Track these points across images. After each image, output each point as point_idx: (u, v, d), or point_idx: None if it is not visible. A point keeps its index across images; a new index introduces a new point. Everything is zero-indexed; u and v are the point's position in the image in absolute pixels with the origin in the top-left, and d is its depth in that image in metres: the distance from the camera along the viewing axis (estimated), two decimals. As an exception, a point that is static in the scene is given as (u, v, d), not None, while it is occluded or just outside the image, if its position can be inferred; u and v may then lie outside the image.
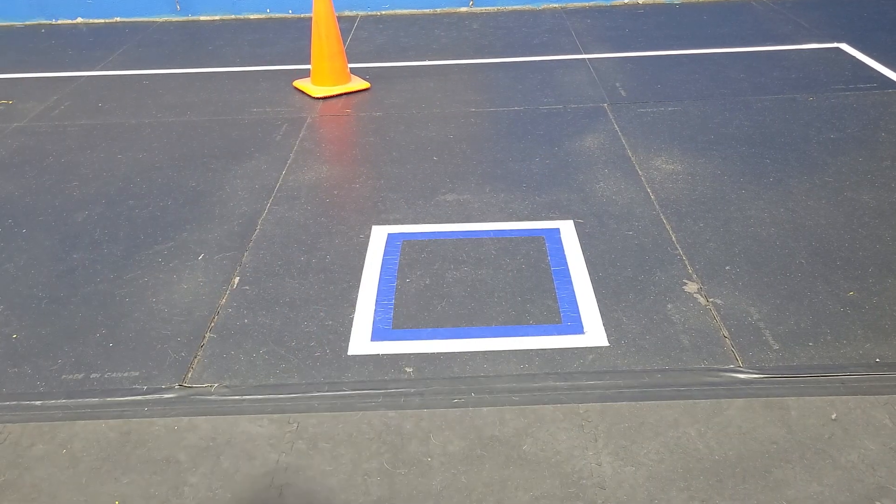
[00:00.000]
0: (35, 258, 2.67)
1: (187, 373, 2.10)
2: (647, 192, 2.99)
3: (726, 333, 2.19)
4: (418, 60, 4.74)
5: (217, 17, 5.83)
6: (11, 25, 5.82)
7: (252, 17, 5.84)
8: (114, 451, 1.85)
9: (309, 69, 4.32)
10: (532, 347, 2.15)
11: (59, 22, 5.84)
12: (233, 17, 5.84)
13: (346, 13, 5.81)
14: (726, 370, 2.05)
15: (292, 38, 5.23)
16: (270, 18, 5.80)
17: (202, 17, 5.84)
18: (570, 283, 2.44)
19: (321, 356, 2.15)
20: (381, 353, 2.16)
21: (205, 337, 2.24)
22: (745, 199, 2.91)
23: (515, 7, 5.86)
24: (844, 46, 4.63)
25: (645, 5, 5.84)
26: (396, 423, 1.90)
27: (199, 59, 4.80)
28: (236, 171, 3.28)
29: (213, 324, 2.30)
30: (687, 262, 2.53)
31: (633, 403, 1.94)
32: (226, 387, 2.05)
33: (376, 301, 2.38)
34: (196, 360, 2.15)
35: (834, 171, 3.10)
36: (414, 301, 2.37)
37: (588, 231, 2.72)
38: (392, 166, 3.29)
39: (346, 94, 4.14)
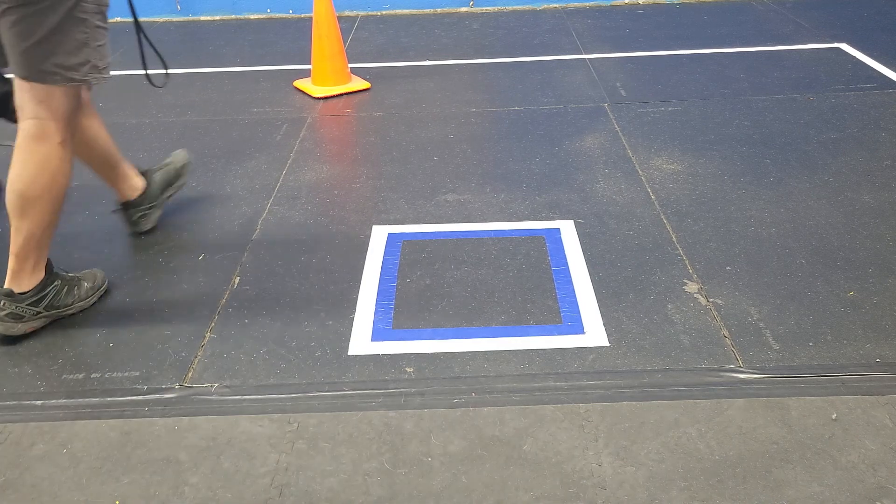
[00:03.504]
0: (35, 258, 2.66)
1: (187, 373, 2.10)
2: (648, 192, 2.99)
3: (726, 333, 2.19)
4: (418, 60, 4.74)
5: (217, 17, 5.83)
6: (11, 25, 5.81)
7: (252, 17, 5.84)
8: (114, 450, 1.85)
9: (309, 69, 4.32)
10: (532, 347, 2.15)
11: (60, 22, 5.84)
12: (233, 17, 5.84)
13: (346, 13, 5.81)
14: (727, 370, 2.05)
15: (292, 38, 5.23)
16: (270, 18, 5.80)
17: (202, 17, 5.84)
18: (571, 283, 2.44)
19: (321, 356, 2.15)
20: (381, 353, 2.16)
21: (205, 337, 2.24)
22: (746, 199, 2.91)
23: (516, 7, 5.86)
24: (844, 46, 4.63)
25: (645, 5, 5.84)
26: (397, 423, 1.90)
27: (199, 59, 4.80)
28: (236, 171, 3.28)
29: (213, 324, 2.30)
30: (687, 262, 2.53)
31: (634, 403, 1.94)
32: (226, 387, 2.05)
33: (376, 301, 2.38)
34: (196, 360, 2.15)
35: (834, 171, 3.10)
36: (414, 301, 2.37)
37: (588, 231, 2.72)
38: (392, 166, 3.29)
39: (346, 94, 4.14)
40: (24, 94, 2.04)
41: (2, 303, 2.15)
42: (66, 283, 2.29)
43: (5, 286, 2.17)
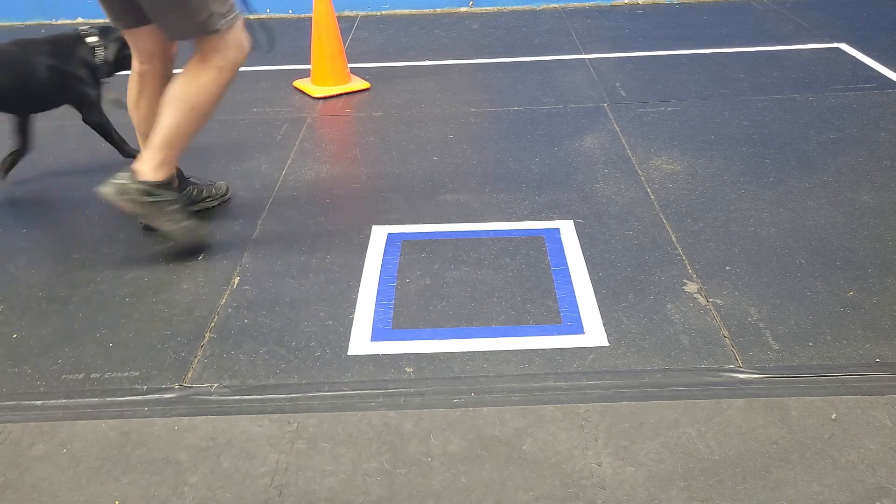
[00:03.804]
0: (35, 258, 2.67)
1: (187, 373, 2.10)
2: (647, 192, 2.99)
3: (726, 333, 2.19)
4: (418, 60, 4.74)
5: (217, 17, 5.82)
6: (11, 25, 5.82)
7: (252, 17, 5.83)
8: (114, 451, 1.85)
9: (309, 69, 4.32)
10: (532, 347, 2.15)
11: (59, 22, 5.84)
12: (233, 17, 5.82)
13: (346, 13, 5.81)
14: (726, 370, 2.05)
15: (292, 38, 5.22)
16: (270, 18, 5.80)
17: (202, 17, 5.83)
18: (570, 283, 2.44)
19: (321, 356, 2.15)
20: (381, 353, 2.16)
21: (205, 337, 2.24)
22: (745, 199, 2.91)
23: (515, 7, 5.86)
24: (844, 46, 4.63)
25: (645, 5, 5.84)
26: (396, 423, 1.90)
27: (199, 59, 4.78)
28: (236, 171, 3.28)
29: (213, 324, 2.30)
30: (687, 262, 2.53)
31: (634, 403, 1.94)
32: (226, 387, 2.05)
33: (376, 301, 2.38)
34: (196, 360, 2.15)
35: (834, 171, 3.10)
36: (414, 301, 2.37)
37: (588, 231, 2.72)
38: (392, 166, 3.29)
39: (346, 94, 4.14)
40: (195, 46, 2.46)
41: (128, 175, 2.50)
42: (181, 204, 2.62)
43: (134, 166, 2.52)
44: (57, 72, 2.88)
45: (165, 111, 2.46)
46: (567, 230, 2.73)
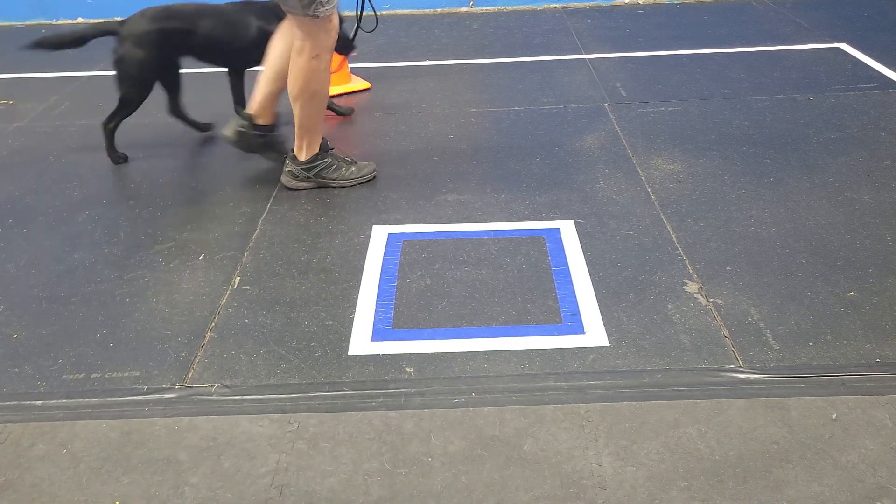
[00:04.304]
0: (35, 258, 2.67)
1: (188, 373, 2.10)
2: (648, 191, 2.99)
3: (727, 333, 2.19)
4: (418, 60, 4.74)
5: (217, 17, 5.81)
6: (11, 25, 5.82)
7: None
8: (114, 451, 1.85)
9: (309, 69, 4.31)
10: (532, 347, 2.15)
11: (60, 22, 5.84)
12: (233, 17, 5.82)
13: (346, 13, 5.80)
14: (727, 370, 2.05)
15: (292, 38, 5.22)
16: (270, 18, 5.79)
17: (202, 17, 5.82)
18: (571, 283, 2.44)
19: (322, 356, 2.15)
20: (381, 353, 2.16)
21: (205, 337, 2.24)
22: (746, 198, 2.91)
23: (516, 7, 5.86)
24: (844, 46, 4.63)
25: (645, 5, 5.84)
26: (397, 423, 1.90)
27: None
28: (236, 170, 3.28)
29: (213, 324, 2.30)
30: (687, 262, 2.53)
31: (634, 403, 1.94)
32: (226, 387, 2.05)
33: (377, 301, 2.38)
34: (196, 360, 2.15)
35: (834, 171, 3.10)
36: (414, 301, 2.37)
37: (588, 231, 2.72)
38: (392, 166, 3.29)
39: (346, 94, 4.14)
40: (292, 22, 2.82)
41: (287, 161, 3.07)
42: (335, 161, 3.08)
43: (293, 153, 3.05)
44: (263, 33, 3.22)
45: (294, 106, 2.91)
46: (567, 230, 2.73)
